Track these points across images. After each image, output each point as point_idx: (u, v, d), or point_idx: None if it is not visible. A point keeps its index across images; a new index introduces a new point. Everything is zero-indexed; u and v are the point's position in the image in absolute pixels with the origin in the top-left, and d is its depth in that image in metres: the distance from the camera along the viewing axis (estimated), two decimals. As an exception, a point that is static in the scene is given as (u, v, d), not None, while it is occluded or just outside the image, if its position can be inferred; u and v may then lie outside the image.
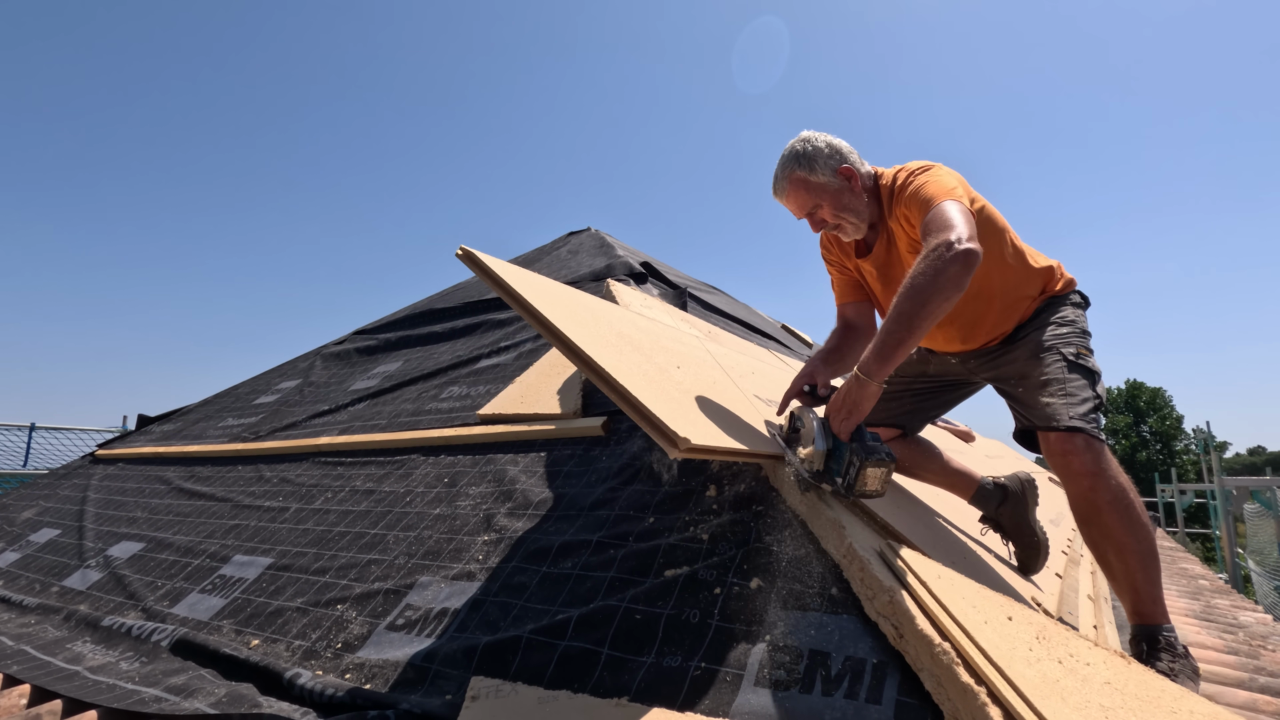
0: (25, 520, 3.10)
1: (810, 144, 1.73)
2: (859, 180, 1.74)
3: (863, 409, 1.41)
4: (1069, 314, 1.77)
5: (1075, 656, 1.06)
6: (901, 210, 1.67)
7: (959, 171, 1.70)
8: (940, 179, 1.62)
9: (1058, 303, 1.80)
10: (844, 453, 1.39)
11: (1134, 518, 1.52)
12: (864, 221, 1.76)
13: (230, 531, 2.32)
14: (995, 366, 1.83)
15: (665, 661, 1.23)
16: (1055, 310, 1.78)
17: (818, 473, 1.44)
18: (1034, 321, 1.78)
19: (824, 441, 1.42)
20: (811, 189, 1.73)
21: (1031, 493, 1.94)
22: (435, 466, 2.29)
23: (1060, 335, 1.71)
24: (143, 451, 3.63)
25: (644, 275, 3.84)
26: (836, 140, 1.75)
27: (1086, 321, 1.81)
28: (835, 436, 1.42)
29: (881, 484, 1.40)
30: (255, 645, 1.62)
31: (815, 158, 1.72)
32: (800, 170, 1.73)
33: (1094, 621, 1.91)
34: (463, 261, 1.61)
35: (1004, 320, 1.79)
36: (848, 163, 1.73)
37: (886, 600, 1.15)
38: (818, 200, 1.74)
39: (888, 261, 1.80)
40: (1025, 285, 1.79)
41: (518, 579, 1.56)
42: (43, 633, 1.90)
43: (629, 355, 1.63)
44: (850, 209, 1.74)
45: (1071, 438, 1.54)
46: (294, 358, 5.00)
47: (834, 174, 1.72)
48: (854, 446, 1.38)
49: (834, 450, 1.42)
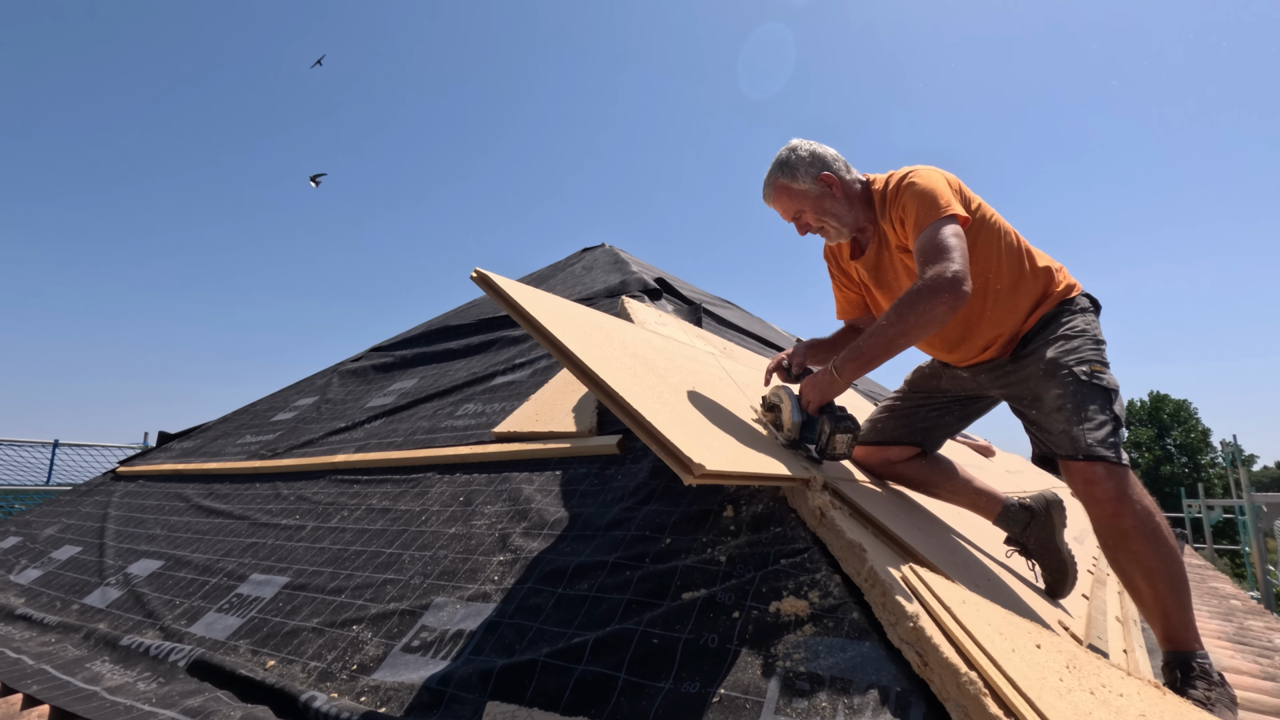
0: (48, 537, 3.14)
1: (795, 153, 1.83)
2: (840, 187, 1.81)
3: (829, 396, 1.65)
4: (1078, 323, 1.72)
5: (1108, 687, 1.02)
6: (896, 213, 1.73)
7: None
8: (932, 181, 1.67)
9: (1065, 311, 1.75)
10: (816, 423, 1.65)
11: (1161, 542, 1.49)
12: (847, 226, 1.84)
13: (247, 550, 2.33)
14: (1007, 384, 1.80)
15: (684, 687, 1.20)
16: (1063, 321, 1.73)
17: (794, 441, 1.69)
18: (1041, 334, 1.74)
19: (799, 415, 1.69)
20: (794, 195, 1.83)
21: (1059, 514, 1.89)
22: (451, 485, 2.29)
23: (1071, 350, 1.66)
24: (162, 469, 3.67)
25: (659, 291, 3.84)
26: (821, 149, 1.84)
27: (1099, 328, 1.75)
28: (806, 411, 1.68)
29: (848, 448, 1.66)
30: (271, 666, 1.62)
31: (797, 165, 1.81)
32: (783, 178, 1.83)
33: (1123, 646, 1.86)
34: (477, 284, 1.62)
35: (1001, 322, 1.76)
36: (829, 170, 1.81)
37: (910, 627, 1.12)
38: (800, 205, 1.84)
39: (878, 264, 1.88)
40: (1022, 285, 1.76)
41: (533, 600, 1.54)
42: (62, 652, 1.91)
43: (643, 377, 1.62)
44: (831, 213, 1.82)
45: (1092, 466, 1.51)
46: (311, 375, 5.05)
47: (814, 181, 1.81)
48: (824, 418, 1.64)
49: (808, 421, 1.67)
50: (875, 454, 2.01)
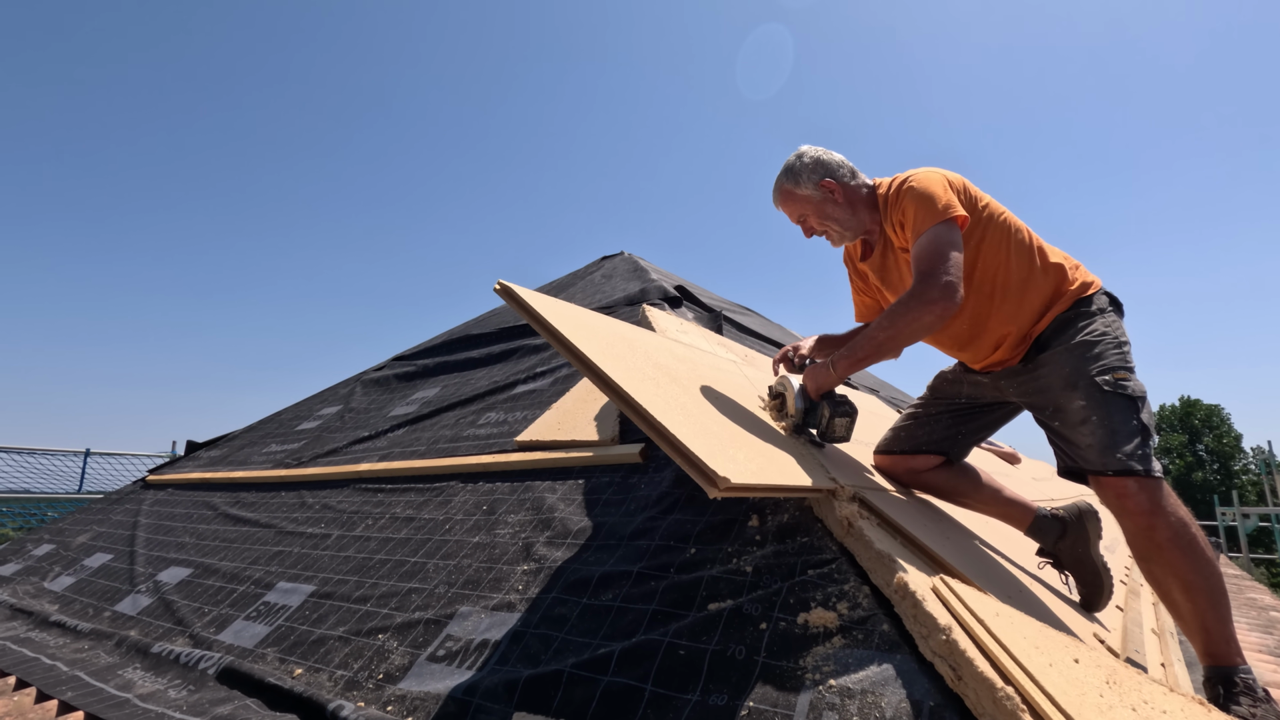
0: (80, 544, 3.20)
1: (800, 159, 1.89)
2: (842, 192, 1.86)
3: (825, 387, 1.78)
4: (1098, 326, 1.67)
5: (1150, 703, 1.00)
6: (896, 216, 1.77)
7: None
8: (929, 183, 1.68)
9: (1082, 314, 1.70)
10: (817, 409, 1.80)
11: (1198, 553, 1.45)
12: (850, 230, 1.89)
13: (274, 558, 2.36)
14: (1026, 391, 1.76)
15: (711, 700, 1.19)
16: (1082, 324, 1.68)
17: (798, 425, 1.83)
18: (1058, 338, 1.69)
19: (802, 401, 1.82)
20: (797, 200, 1.90)
21: (1093, 525, 1.84)
22: (474, 494, 2.29)
23: (1093, 358, 1.61)
24: (190, 477, 3.73)
25: (679, 299, 3.84)
26: (827, 155, 1.89)
27: (1121, 329, 1.69)
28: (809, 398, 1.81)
29: (846, 430, 1.79)
30: (299, 675, 1.63)
31: (800, 171, 1.88)
32: (788, 183, 1.90)
33: (1161, 659, 1.81)
34: (500, 296, 1.63)
35: (1010, 319, 1.74)
36: (831, 176, 1.86)
37: (942, 640, 1.10)
38: (803, 210, 1.90)
39: (884, 265, 1.93)
40: (1033, 282, 1.73)
41: (558, 610, 1.54)
42: (95, 659, 1.94)
43: (666, 388, 1.61)
44: (833, 218, 1.88)
45: (1123, 481, 1.47)
46: (335, 384, 5.11)
47: (816, 186, 1.86)
48: (824, 403, 1.78)
49: (810, 408, 1.81)
50: (900, 463, 1.98)
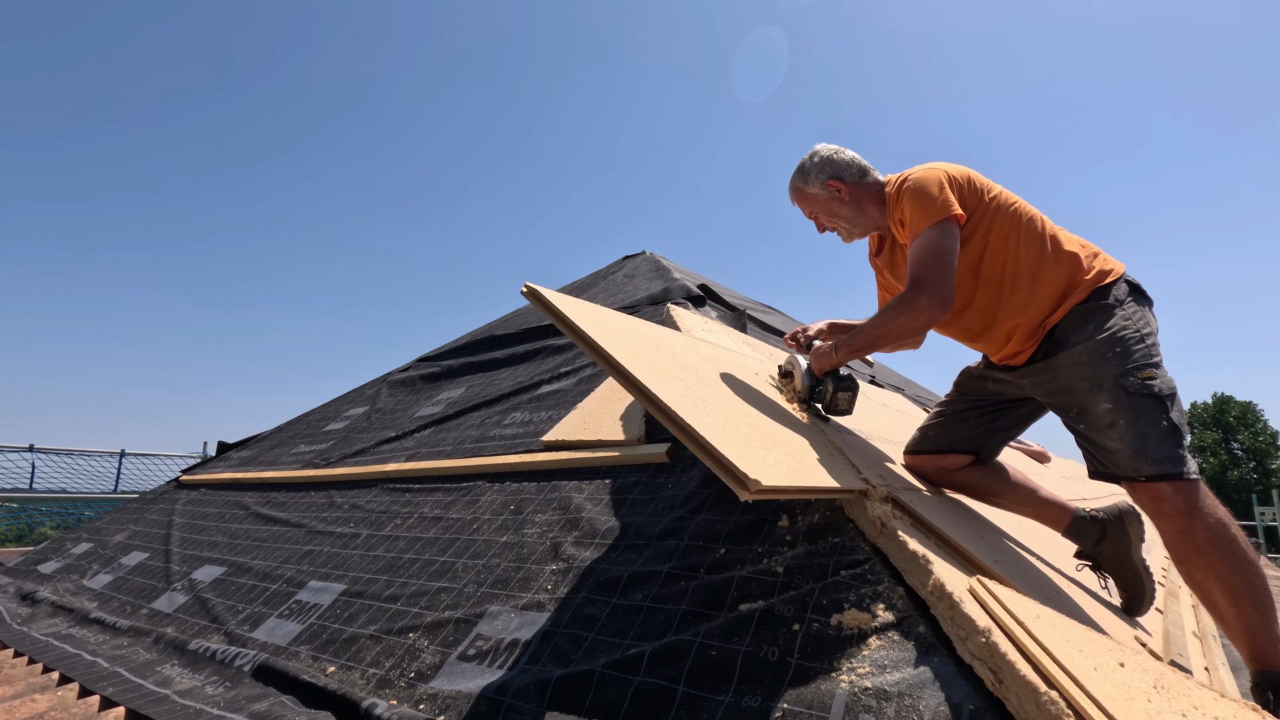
0: (117, 543, 3.28)
1: (811, 159, 1.96)
2: (849, 191, 1.92)
3: (827, 368, 1.91)
4: (1118, 320, 1.59)
5: (1200, 709, 0.97)
6: (897, 215, 1.81)
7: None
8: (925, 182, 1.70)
9: (1100, 307, 1.63)
10: (823, 384, 1.95)
11: (1240, 555, 1.41)
12: (858, 227, 1.95)
13: (305, 557, 2.39)
14: (1049, 392, 1.70)
15: (744, 701, 1.18)
16: (1101, 318, 1.61)
17: (805, 399, 1.99)
18: (1076, 332, 1.62)
19: (809, 379, 1.98)
20: (806, 198, 1.99)
21: (1135, 526, 1.79)
22: (501, 493, 2.31)
23: (1116, 357, 1.55)
24: (222, 477, 3.80)
25: (702, 298, 3.82)
26: (837, 155, 1.94)
27: (1143, 320, 1.62)
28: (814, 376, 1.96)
29: (849, 404, 1.94)
30: (331, 673, 1.65)
31: (810, 171, 1.95)
32: (798, 182, 1.99)
33: (1204, 663, 1.76)
34: (527, 298, 1.63)
35: (1021, 310, 1.70)
36: (837, 176, 1.92)
37: (981, 642, 1.08)
38: (813, 207, 1.99)
39: (892, 261, 1.99)
40: (1044, 271, 1.69)
41: (588, 610, 1.54)
42: (134, 655, 1.98)
43: (693, 389, 1.61)
44: (840, 216, 1.95)
45: (1157, 485, 1.44)
46: (361, 385, 5.17)
47: (822, 186, 1.94)
48: (829, 379, 1.93)
49: (816, 384, 1.97)
50: (930, 462, 1.95)
